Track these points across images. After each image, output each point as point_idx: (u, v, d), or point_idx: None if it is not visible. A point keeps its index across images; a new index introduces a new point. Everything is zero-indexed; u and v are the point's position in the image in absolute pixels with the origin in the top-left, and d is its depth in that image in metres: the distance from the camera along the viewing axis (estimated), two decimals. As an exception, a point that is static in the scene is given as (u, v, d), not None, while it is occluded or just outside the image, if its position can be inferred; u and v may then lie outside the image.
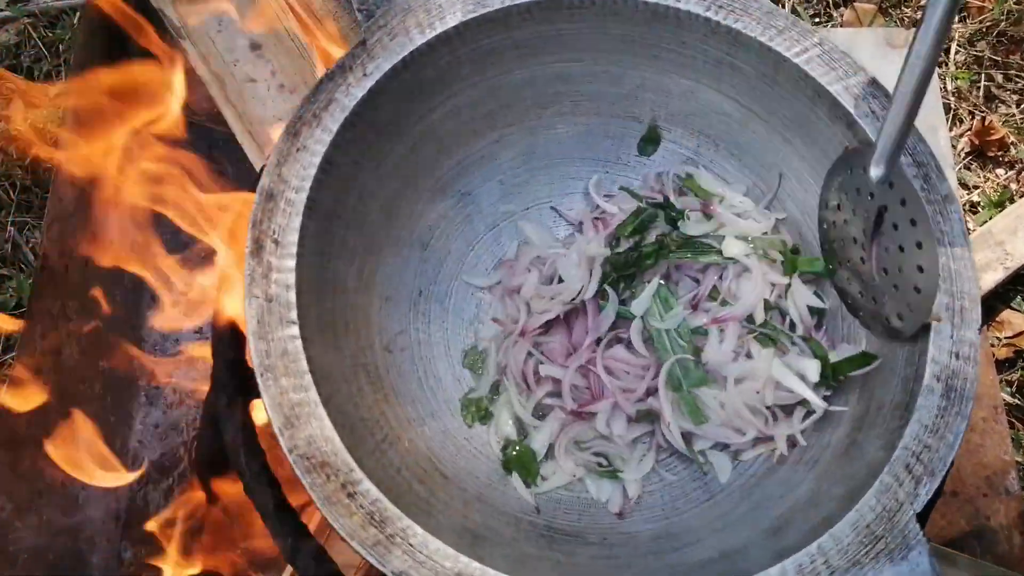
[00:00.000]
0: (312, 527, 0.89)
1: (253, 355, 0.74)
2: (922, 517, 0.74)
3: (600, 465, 0.90)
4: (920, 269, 0.77)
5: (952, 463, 0.74)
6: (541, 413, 0.93)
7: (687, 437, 0.89)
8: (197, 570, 1.03)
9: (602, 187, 1.02)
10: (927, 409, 0.75)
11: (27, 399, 1.03)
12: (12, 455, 1.02)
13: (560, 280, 0.94)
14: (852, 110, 0.84)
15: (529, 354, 0.93)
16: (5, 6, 1.57)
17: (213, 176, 1.03)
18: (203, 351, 1.24)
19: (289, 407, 0.72)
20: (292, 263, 0.77)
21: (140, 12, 1.28)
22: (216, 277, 0.96)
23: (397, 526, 0.70)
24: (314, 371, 0.74)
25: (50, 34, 1.55)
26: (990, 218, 1.40)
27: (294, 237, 0.78)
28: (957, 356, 0.76)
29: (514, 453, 0.89)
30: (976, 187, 1.52)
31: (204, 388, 1.15)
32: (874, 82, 0.85)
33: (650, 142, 1.01)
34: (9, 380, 1.05)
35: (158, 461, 1.28)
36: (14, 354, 1.13)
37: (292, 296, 0.76)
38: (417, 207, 0.96)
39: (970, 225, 1.46)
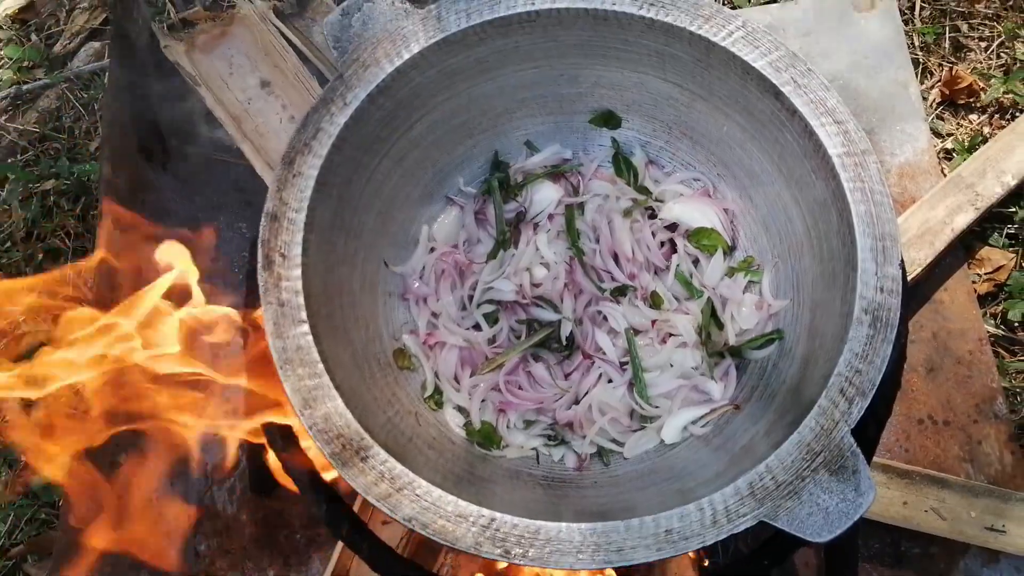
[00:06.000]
0: (356, 507, 1.04)
1: (272, 352, 0.87)
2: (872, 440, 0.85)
3: (550, 438, 1.02)
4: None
5: (899, 382, 0.85)
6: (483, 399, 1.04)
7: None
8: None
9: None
10: (857, 339, 0.85)
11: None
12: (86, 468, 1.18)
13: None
14: (776, 82, 0.94)
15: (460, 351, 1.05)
16: (43, 75, 1.76)
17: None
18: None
19: (307, 391, 0.86)
20: (298, 272, 0.90)
21: (156, 65, 1.44)
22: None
23: (404, 480, 0.82)
24: (326, 360, 0.88)
25: (85, 95, 1.73)
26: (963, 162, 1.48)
27: (298, 250, 0.91)
28: (882, 290, 0.86)
29: (475, 427, 1.02)
30: (950, 134, 1.59)
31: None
32: (793, 55, 0.95)
33: (607, 120, 1.12)
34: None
35: (218, 463, 1.43)
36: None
37: (301, 300, 0.89)
38: (409, 212, 1.09)
39: (945, 171, 1.53)
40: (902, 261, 0.88)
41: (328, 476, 0.97)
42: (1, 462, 1.47)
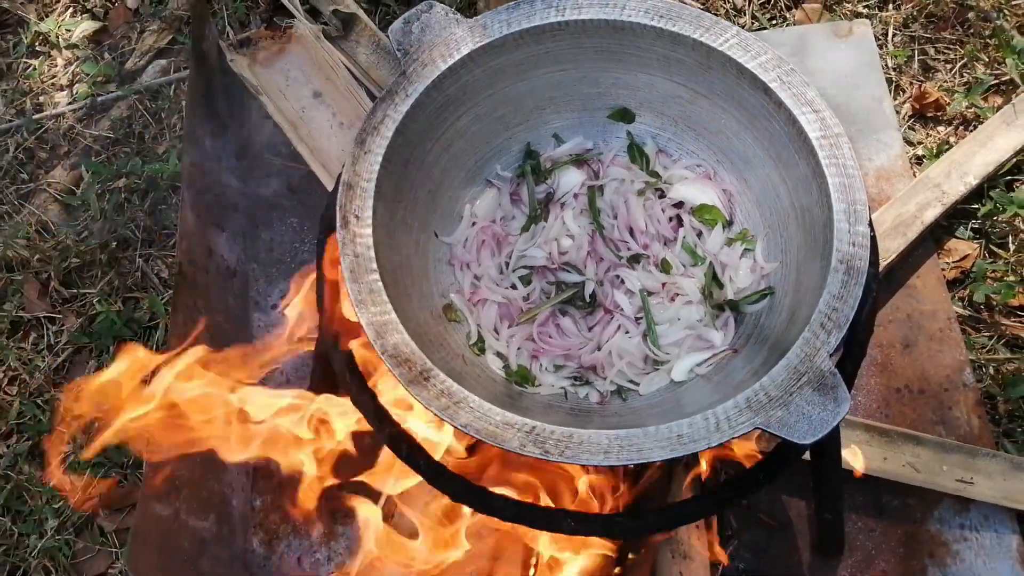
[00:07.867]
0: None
1: (351, 294, 1.05)
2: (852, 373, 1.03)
3: (576, 379, 1.19)
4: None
5: (865, 321, 1.03)
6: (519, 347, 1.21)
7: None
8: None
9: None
10: (834, 284, 1.02)
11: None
12: (168, 413, 1.35)
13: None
14: (765, 79, 1.13)
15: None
16: (116, 88, 1.97)
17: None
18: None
19: (379, 325, 1.03)
20: (369, 231, 1.08)
21: (224, 76, 1.63)
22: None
23: (460, 396, 1.00)
24: (393, 302, 1.06)
25: (153, 105, 1.94)
26: (930, 166, 1.68)
27: (369, 213, 1.09)
28: (853, 244, 1.04)
29: (513, 369, 1.19)
30: (920, 143, 1.80)
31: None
32: (779, 57, 1.14)
33: (623, 116, 1.31)
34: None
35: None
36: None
37: (372, 253, 1.07)
38: (455, 192, 1.28)
39: (916, 175, 1.73)
40: (871, 222, 1.07)
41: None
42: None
